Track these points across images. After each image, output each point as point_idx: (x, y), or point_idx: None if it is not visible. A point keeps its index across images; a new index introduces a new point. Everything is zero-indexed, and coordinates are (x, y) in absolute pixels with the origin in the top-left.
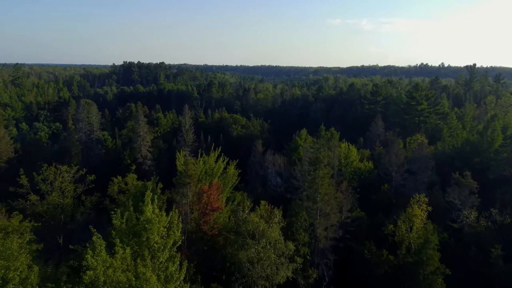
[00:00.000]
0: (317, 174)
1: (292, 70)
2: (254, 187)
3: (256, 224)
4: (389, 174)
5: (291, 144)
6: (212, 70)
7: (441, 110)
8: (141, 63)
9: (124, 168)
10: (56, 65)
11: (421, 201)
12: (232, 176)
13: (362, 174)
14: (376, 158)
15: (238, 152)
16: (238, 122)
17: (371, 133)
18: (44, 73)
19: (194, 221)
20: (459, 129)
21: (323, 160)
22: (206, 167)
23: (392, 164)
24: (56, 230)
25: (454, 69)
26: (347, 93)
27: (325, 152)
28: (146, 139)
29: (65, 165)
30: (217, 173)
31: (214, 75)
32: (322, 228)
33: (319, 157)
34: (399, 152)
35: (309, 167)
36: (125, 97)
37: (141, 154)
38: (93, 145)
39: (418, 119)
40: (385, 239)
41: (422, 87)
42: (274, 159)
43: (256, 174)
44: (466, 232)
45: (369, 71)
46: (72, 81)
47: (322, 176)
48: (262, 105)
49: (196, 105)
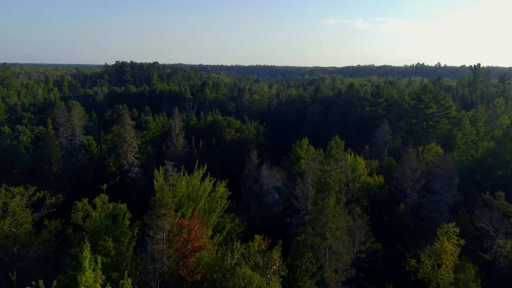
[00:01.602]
0: (327, 203)
1: (287, 70)
2: (247, 206)
3: (249, 278)
4: (403, 190)
5: (291, 156)
6: (207, 70)
7: (451, 114)
8: (134, 63)
9: (109, 176)
10: (49, 65)
11: (451, 231)
12: (221, 199)
13: (371, 190)
14: (385, 170)
15: (232, 158)
16: (232, 125)
17: (377, 139)
18: (34, 73)
19: (172, 260)
20: (473, 136)
21: (333, 186)
22: (189, 189)
23: (407, 179)
24: (8, 264)
25: (450, 69)
26: (346, 94)
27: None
28: (132, 144)
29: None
30: (203, 197)
31: (208, 75)
32: (332, 270)
33: (329, 182)
34: (414, 165)
35: (316, 194)
36: (116, 98)
37: (127, 161)
38: (76, 151)
39: (426, 124)
40: (406, 277)
41: (431, 89)
42: (270, 173)
43: (250, 190)
44: (502, 265)
45: (365, 71)
46: (62, 81)
47: (333, 205)
48: (258, 106)
49: (188, 107)
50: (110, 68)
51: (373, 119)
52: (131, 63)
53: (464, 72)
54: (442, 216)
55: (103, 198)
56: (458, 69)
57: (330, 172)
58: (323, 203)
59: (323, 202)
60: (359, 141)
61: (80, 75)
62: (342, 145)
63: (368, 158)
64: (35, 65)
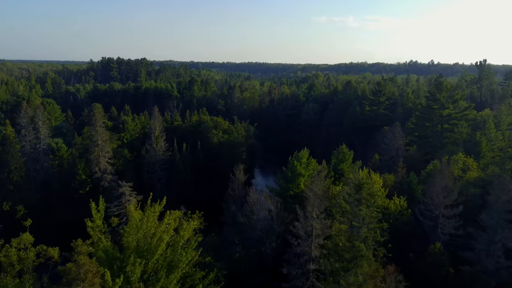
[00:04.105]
0: (354, 281)
1: (280, 67)
2: (230, 242)
3: None
4: (433, 218)
5: (286, 172)
6: (198, 67)
7: (470, 116)
8: (121, 59)
9: (79, 184)
10: (36, 62)
11: None
12: (186, 248)
13: (390, 217)
14: (405, 188)
15: (219, 163)
16: (220, 126)
17: (387, 145)
18: (16, 70)
19: None
20: (498, 141)
21: (366, 254)
22: (139, 235)
23: (439, 204)
24: None
25: (444, 66)
26: (343, 92)
27: (369, 221)
28: (105, 148)
29: None
30: (159, 248)
31: (198, 72)
32: None
33: (358, 246)
34: (449, 185)
35: (333, 263)
36: (99, 96)
37: (99, 167)
38: (40, 156)
39: (441, 127)
40: None
41: (448, 86)
42: (260, 197)
43: (234, 216)
44: None
45: (358, 68)
46: (46, 78)
47: (363, 273)
48: (248, 105)
49: (171, 106)
50: (96, 65)
51: (374, 119)
52: (117, 59)
53: (457, 69)
54: (497, 262)
55: (26, 239)
56: (451, 66)
57: (360, 228)
58: (348, 280)
59: (347, 278)
60: (360, 144)
61: (64, 72)
62: (350, 157)
63: (378, 170)
64: (20, 62)
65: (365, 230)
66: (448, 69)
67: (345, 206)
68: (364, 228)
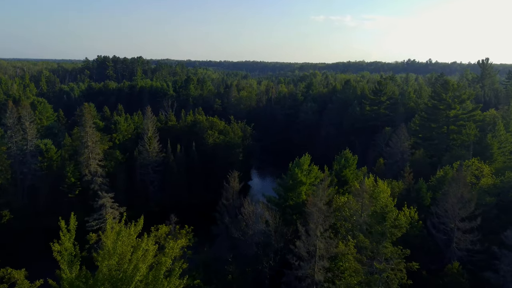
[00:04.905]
0: None
1: (277, 66)
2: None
3: None
4: (447, 232)
5: (286, 179)
6: (195, 66)
7: (478, 117)
8: (117, 57)
9: (68, 188)
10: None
11: None
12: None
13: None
14: (413, 196)
15: (214, 165)
16: (215, 126)
17: (392, 149)
18: (10, 68)
19: None
20: (509, 144)
21: None
22: (111, 262)
23: (454, 217)
24: None
25: (442, 65)
26: (342, 92)
27: None
28: (96, 150)
29: None
30: (134, 278)
31: (195, 71)
32: None
33: None
34: (466, 195)
35: None
36: (93, 95)
37: (89, 170)
38: (27, 158)
39: (447, 129)
40: None
41: (454, 86)
42: (256, 210)
43: (227, 230)
44: None
45: (356, 67)
46: (40, 76)
47: None
48: (245, 104)
49: (166, 105)
50: (92, 63)
51: (374, 119)
52: (113, 57)
53: (455, 68)
54: None
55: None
56: (450, 65)
57: (383, 271)
58: None
59: None
60: (360, 145)
61: (59, 70)
62: (354, 162)
63: (383, 176)
64: (15, 60)
65: (389, 272)
66: (447, 68)
67: (363, 241)
68: (388, 269)
